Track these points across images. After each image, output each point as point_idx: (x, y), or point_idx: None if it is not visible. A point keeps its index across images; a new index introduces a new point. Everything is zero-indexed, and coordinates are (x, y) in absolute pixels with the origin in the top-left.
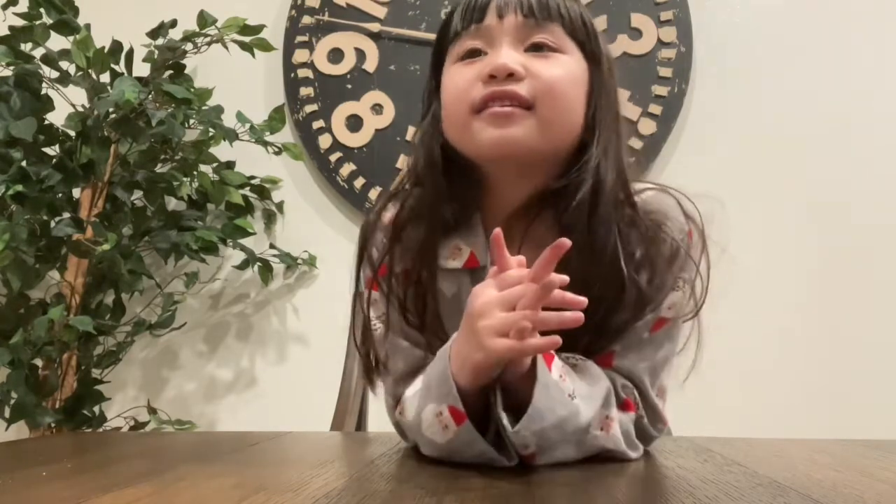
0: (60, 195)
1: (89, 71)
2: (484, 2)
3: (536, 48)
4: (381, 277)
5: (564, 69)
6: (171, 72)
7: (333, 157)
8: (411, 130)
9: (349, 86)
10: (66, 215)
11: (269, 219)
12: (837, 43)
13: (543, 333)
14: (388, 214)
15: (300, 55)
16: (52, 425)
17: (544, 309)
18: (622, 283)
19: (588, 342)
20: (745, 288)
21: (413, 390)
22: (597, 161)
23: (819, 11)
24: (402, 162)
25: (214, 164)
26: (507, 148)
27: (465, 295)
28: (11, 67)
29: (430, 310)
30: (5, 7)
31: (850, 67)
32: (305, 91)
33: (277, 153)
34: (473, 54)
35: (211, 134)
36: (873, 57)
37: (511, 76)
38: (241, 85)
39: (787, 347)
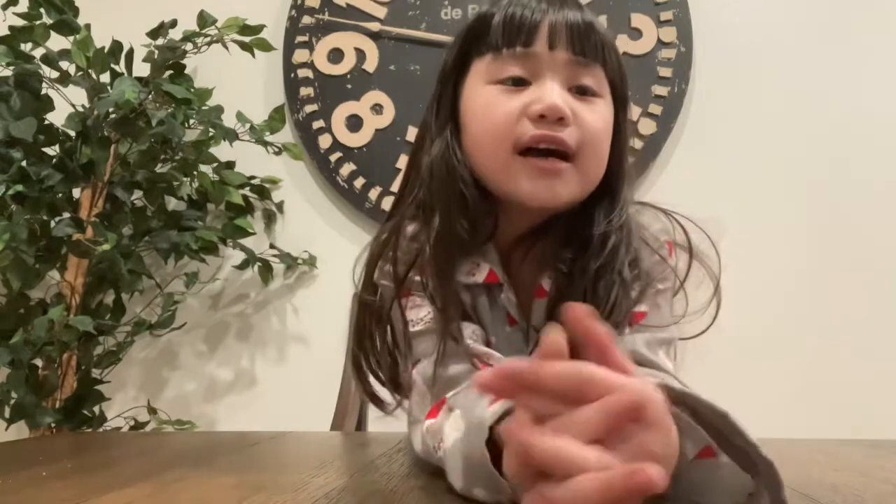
0: (60, 195)
1: (89, 71)
2: (533, 22)
3: (580, 90)
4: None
5: (603, 119)
6: (171, 72)
7: (333, 157)
8: (411, 130)
9: (349, 86)
10: (66, 215)
11: (269, 219)
12: (837, 43)
13: None
14: (410, 228)
15: (300, 55)
16: (52, 425)
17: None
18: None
19: None
20: (745, 288)
21: (451, 428)
22: (623, 214)
23: (819, 11)
24: (403, 162)
25: (214, 164)
26: (550, 204)
27: (480, 308)
28: (11, 67)
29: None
30: (5, 7)
31: (849, 67)
32: (305, 91)
33: (277, 153)
34: (518, 82)
35: (211, 134)
36: (873, 56)
37: (560, 120)
38: (241, 85)
39: (786, 347)
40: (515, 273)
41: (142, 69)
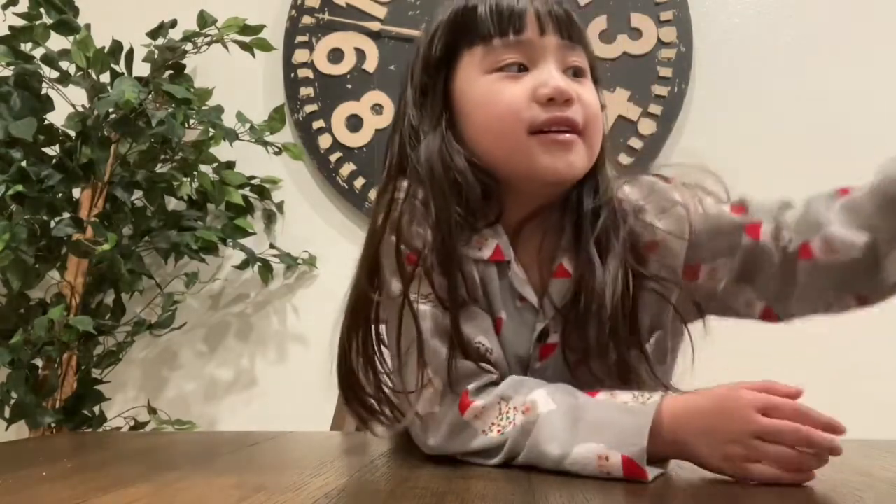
0: (60, 195)
1: (89, 71)
2: (520, 10)
3: (574, 72)
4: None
5: (595, 97)
6: (171, 72)
7: (333, 157)
8: None
9: (349, 86)
10: (66, 215)
11: (269, 219)
12: (837, 42)
13: None
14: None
15: (300, 55)
16: (52, 425)
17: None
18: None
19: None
20: None
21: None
22: (608, 182)
23: (819, 11)
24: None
25: (214, 164)
26: (568, 175)
27: (489, 285)
28: (11, 67)
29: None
30: (5, 7)
31: (850, 67)
32: (305, 91)
33: (277, 153)
34: (519, 68)
35: (211, 134)
36: (873, 56)
37: (567, 102)
38: (241, 85)
39: (786, 347)
40: (523, 251)
41: (142, 69)
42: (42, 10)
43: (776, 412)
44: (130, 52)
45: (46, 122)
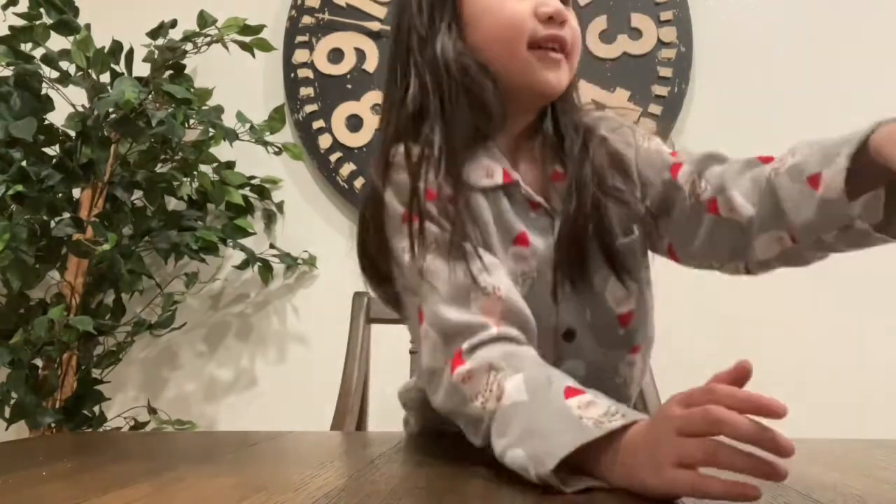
0: (60, 195)
1: (89, 71)
2: None
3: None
4: (430, 202)
5: (577, 22)
6: (171, 72)
7: (333, 157)
8: None
9: (349, 86)
10: (66, 215)
11: (269, 219)
12: (838, 42)
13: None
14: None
15: (300, 55)
16: (52, 425)
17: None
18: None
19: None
20: (744, 286)
21: (513, 383)
22: (579, 98)
23: (819, 11)
24: None
25: (214, 164)
26: (557, 89)
27: (505, 214)
28: (11, 67)
29: (470, 225)
30: (5, 7)
31: (850, 67)
32: (305, 91)
33: (277, 153)
34: None
35: (211, 134)
36: (874, 56)
37: (563, 23)
38: (241, 85)
39: (786, 347)
40: (522, 168)
41: (142, 69)
42: (42, 10)
43: (694, 401)
44: (130, 52)
45: (46, 122)
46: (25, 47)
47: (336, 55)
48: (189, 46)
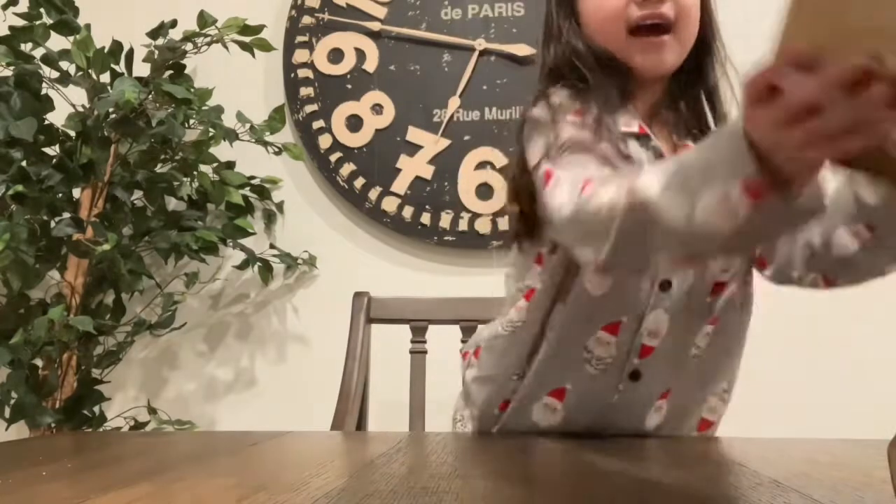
0: (60, 195)
1: (89, 71)
2: None
3: None
4: (574, 117)
5: None
6: (171, 72)
7: (333, 157)
8: (412, 130)
9: (349, 86)
10: (66, 215)
11: (269, 219)
12: None
13: None
14: (556, 98)
15: (300, 55)
16: (52, 425)
17: None
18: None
19: None
20: None
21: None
22: (715, 69)
23: None
24: (402, 162)
25: (214, 164)
26: (658, 71)
27: (635, 156)
28: (11, 67)
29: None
30: (5, 7)
31: None
32: (305, 91)
33: (277, 153)
34: None
35: (211, 134)
36: None
37: (661, 0)
38: (241, 85)
39: (786, 347)
40: (656, 132)
41: (142, 69)
42: (42, 10)
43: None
44: (130, 52)
45: (46, 122)
46: (25, 47)
47: (336, 55)
48: (189, 46)
